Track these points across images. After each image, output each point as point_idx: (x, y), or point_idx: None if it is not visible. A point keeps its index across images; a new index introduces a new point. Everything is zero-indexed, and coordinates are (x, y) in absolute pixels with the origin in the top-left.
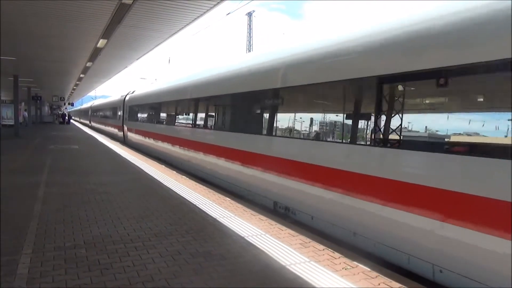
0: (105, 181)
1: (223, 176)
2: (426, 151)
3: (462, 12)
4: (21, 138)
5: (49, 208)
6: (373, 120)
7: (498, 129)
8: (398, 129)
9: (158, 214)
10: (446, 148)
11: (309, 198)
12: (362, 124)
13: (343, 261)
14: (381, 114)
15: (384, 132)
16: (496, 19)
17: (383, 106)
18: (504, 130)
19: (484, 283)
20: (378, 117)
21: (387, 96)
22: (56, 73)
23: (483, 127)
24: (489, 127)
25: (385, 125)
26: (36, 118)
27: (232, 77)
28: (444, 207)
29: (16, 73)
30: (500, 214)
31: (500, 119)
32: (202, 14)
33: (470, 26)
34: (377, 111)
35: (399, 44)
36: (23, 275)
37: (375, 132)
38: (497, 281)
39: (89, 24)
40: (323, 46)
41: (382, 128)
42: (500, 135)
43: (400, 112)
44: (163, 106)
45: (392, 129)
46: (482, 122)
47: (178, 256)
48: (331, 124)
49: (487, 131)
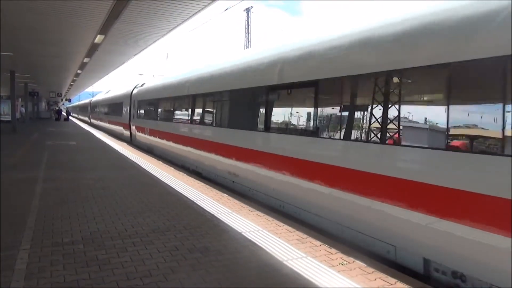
0: (102, 177)
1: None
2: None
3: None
4: (18, 134)
5: (47, 204)
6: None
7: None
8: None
9: (156, 210)
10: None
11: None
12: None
13: (340, 256)
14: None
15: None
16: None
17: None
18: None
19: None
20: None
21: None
22: (53, 68)
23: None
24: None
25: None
26: (33, 114)
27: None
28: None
29: (13, 68)
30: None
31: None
32: (200, 10)
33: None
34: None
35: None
36: (21, 271)
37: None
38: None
39: (86, 20)
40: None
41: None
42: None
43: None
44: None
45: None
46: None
47: (176, 252)
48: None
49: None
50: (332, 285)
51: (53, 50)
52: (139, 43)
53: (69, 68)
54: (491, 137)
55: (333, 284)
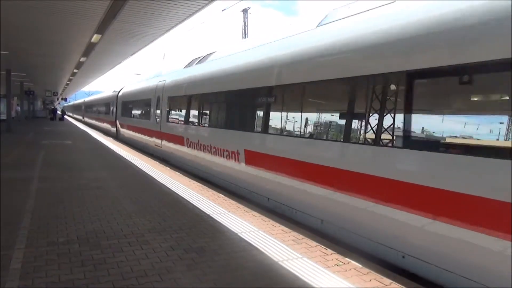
0: (98, 176)
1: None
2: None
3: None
4: (13, 133)
5: (42, 203)
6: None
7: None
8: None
9: (152, 210)
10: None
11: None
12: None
13: (335, 257)
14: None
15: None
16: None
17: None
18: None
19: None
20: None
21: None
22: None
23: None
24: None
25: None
26: (29, 113)
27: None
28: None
29: (9, 67)
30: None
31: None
32: (198, 10)
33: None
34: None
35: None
36: (16, 270)
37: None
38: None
39: (83, 19)
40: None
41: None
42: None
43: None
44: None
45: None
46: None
47: (172, 252)
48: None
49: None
50: (328, 286)
51: (50, 49)
52: (136, 43)
53: (65, 67)
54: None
55: (328, 284)
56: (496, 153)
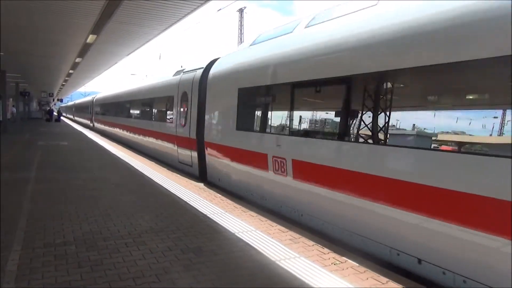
0: (95, 177)
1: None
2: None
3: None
4: (9, 134)
5: (39, 205)
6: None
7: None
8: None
9: (149, 210)
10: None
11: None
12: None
13: (332, 256)
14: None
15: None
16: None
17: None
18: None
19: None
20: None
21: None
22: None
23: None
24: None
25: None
26: (24, 114)
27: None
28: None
29: (4, 68)
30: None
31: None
32: (193, 10)
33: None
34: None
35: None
36: (12, 272)
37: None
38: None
39: (78, 19)
40: None
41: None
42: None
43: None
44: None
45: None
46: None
47: (169, 252)
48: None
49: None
50: (325, 285)
51: (45, 50)
52: (132, 43)
53: (61, 68)
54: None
55: (325, 283)
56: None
